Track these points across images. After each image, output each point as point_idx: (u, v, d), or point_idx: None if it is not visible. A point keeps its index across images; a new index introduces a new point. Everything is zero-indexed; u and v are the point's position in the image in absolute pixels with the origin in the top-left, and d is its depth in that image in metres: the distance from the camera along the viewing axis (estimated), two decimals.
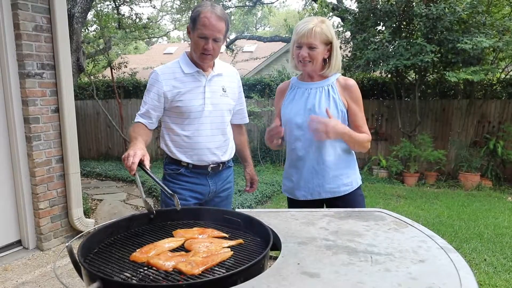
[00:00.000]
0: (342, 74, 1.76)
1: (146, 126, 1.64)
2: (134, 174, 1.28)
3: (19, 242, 3.05)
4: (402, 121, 6.30)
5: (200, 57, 1.60)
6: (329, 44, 1.60)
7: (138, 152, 1.30)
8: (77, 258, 0.99)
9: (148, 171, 1.29)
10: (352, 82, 1.65)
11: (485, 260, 3.03)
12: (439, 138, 6.36)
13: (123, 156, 1.32)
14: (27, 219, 2.98)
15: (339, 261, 0.97)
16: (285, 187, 1.78)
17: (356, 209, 1.38)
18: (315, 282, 0.86)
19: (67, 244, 1.12)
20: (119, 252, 1.11)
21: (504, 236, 3.56)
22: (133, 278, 0.99)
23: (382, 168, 6.26)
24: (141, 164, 1.31)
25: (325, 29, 1.57)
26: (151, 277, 0.98)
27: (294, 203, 1.76)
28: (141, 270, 1.01)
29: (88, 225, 3.31)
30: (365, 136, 1.64)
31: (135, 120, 1.67)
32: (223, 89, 1.71)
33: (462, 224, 3.94)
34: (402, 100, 6.37)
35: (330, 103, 1.61)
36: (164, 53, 17.98)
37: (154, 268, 1.00)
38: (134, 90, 7.93)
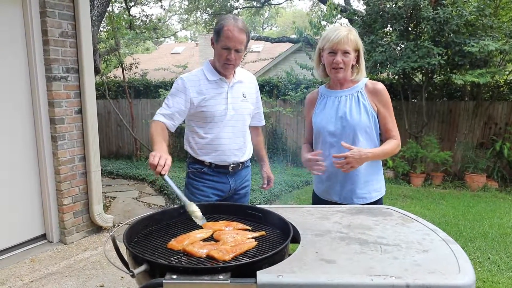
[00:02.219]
0: None
1: (167, 127, 1.72)
2: (161, 175, 1.36)
3: (44, 236, 3.23)
4: (408, 122, 6.39)
5: (223, 67, 1.75)
6: (357, 51, 1.67)
7: (163, 155, 1.39)
8: (124, 244, 1.13)
9: (168, 180, 1.39)
10: (380, 86, 1.69)
11: (488, 258, 3.12)
12: (446, 139, 6.43)
13: (149, 160, 1.39)
14: (52, 214, 3.16)
15: (352, 250, 1.10)
16: (319, 190, 1.81)
17: (366, 206, 1.51)
18: (332, 267, 1.00)
19: (110, 233, 1.27)
20: (156, 241, 1.25)
21: (508, 236, 3.65)
22: (171, 263, 1.13)
23: (388, 169, 6.35)
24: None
25: (356, 37, 1.65)
26: (183, 262, 1.12)
27: (322, 203, 1.77)
28: (175, 257, 1.15)
29: (107, 220, 3.48)
30: (391, 145, 1.68)
31: (156, 118, 1.72)
32: (243, 95, 1.85)
33: (467, 224, 4.03)
34: (409, 101, 6.45)
35: (361, 109, 1.66)
36: (172, 53, 18.18)
37: (187, 255, 1.15)
38: (145, 90, 8.11)
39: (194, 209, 1.38)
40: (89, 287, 2.54)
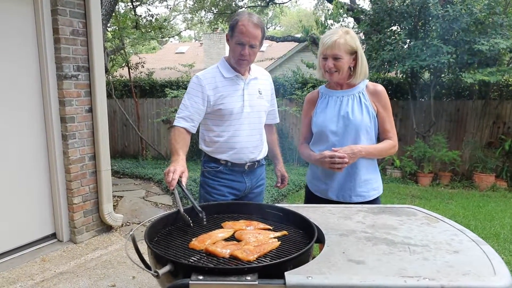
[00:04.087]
0: None
1: (187, 130, 1.70)
2: (173, 189, 1.39)
3: (54, 235, 3.22)
4: (416, 121, 6.34)
5: (237, 62, 1.72)
6: (354, 53, 1.66)
7: (178, 169, 1.41)
8: (146, 244, 1.12)
9: (183, 188, 1.39)
10: (380, 87, 1.73)
11: (502, 259, 3.08)
12: (454, 139, 6.38)
13: (165, 171, 1.43)
14: (62, 213, 3.14)
15: (380, 251, 1.07)
16: (316, 187, 1.82)
17: (388, 205, 1.49)
18: (362, 268, 0.97)
19: (131, 233, 1.25)
20: (177, 240, 1.23)
21: None
22: (192, 263, 1.11)
23: (396, 168, 6.31)
24: (179, 180, 1.41)
25: (349, 40, 1.63)
26: (205, 262, 1.09)
27: (316, 201, 1.79)
28: (197, 256, 1.13)
29: (117, 219, 3.47)
30: (386, 144, 1.70)
31: (176, 124, 1.71)
32: (259, 91, 1.83)
33: (478, 224, 3.99)
34: (416, 100, 6.40)
35: (363, 110, 1.68)
36: (176, 53, 18.19)
37: (209, 255, 1.13)
38: (150, 89, 8.11)
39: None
40: (101, 287, 2.53)
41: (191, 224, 1.32)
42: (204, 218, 1.36)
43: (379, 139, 1.77)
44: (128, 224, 3.82)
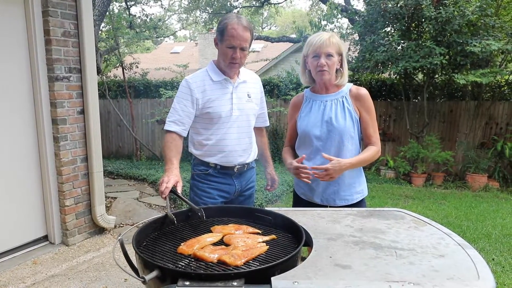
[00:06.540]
0: (351, 76, 1.85)
1: (179, 134, 1.71)
2: (165, 198, 1.46)
3: (45, 237, 3.20)
4: (410, 122, 6.38)
5: (229, 66, 1.72)
6: (340, 55, 1.71)
7: (171, 179, 1.49)
8: (134, 249, 1.11)
9: (179, 195, 1.48)
10: (364, 91, 1.74)
11: (493, 259, 3.11)
12: (447, 139, 6.43)
13: (159, 181, 1.51)
14: (54, 215, 3.12)
15: (367, 255, 1.08)
16: (302, 190, 1.84)
17: (377, 209, 1.49)
18: (348, 273, 0.98)
19: (119, 237, 1.24)
20: (165, 245, 1.23)
21: None
22: (179, 268, 1.11)
23: (389, 169, 6.35)
24: (174, 189, 1.49)
25: (338, 41, 1.69)
26: (193, 267, 1.10)
27: (303, 205, 1.82)
28: (185, 261, 1.13)
29: (109, 221, 3.45)
30: (370, 152, 1.70)
31: (167, 128, 1.71)
32: (248, 95, 1.83)
33: (470, 224, 4.02)
34: (410, 101, 6.44)
35: (346, 114, 1.69)
36: (171, 52, 18.14)
37: (198, 260, 1.13)
38: (145, 90, 8.07)
39: None
40: None
41: (175, 223, 1.37)
42: (203, 216, 1.40)
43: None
44: (121, 225, 3.80)
